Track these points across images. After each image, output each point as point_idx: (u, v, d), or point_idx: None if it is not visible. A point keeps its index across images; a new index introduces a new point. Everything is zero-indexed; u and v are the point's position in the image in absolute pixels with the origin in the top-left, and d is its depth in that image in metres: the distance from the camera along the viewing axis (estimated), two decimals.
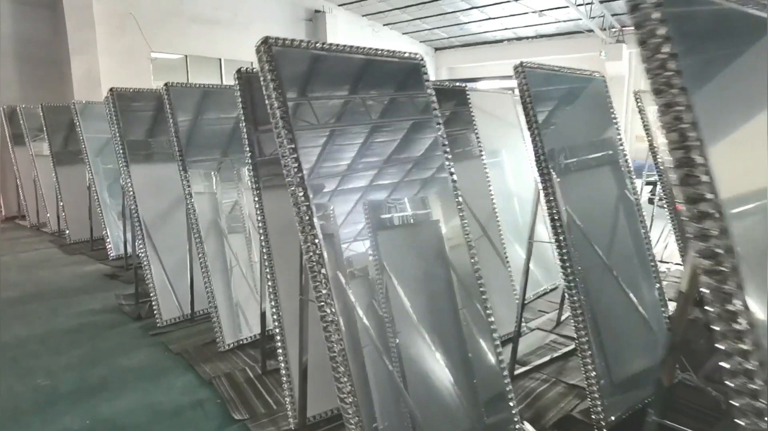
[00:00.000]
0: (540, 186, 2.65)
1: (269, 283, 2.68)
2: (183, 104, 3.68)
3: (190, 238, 3.85)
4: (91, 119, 6.21)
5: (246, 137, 2.72)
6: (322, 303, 1.71)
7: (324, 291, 1.72)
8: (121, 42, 9.15)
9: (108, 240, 5.85)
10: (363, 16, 13.76)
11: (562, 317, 3.99)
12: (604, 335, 2.67)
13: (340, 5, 13.00)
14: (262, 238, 2.71)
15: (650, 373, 2.88)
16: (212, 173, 4.07)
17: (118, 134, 4.03)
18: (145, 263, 4.02)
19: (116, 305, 4.30)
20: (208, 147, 3.88)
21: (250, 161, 2.71)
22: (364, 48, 2.14)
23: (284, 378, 2.57)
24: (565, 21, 13.03)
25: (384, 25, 14.45)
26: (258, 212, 2.71)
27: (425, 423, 1.95)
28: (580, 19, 12.31)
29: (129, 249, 5.38)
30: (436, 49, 16.70)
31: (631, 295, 2.94)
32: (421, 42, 16.09)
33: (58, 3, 8.27)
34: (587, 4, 11.25)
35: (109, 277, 5.13)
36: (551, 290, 4.60)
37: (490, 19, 13.40)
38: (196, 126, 3.80)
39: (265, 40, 1.87)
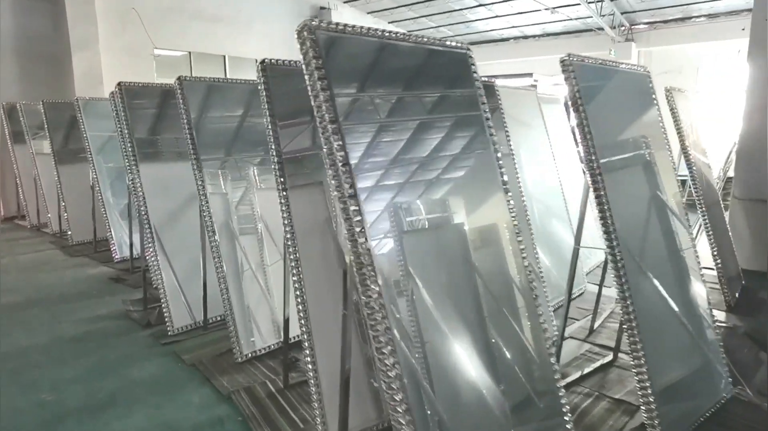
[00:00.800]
0: (590, 189, 2.45)
1: (297, 289, 2.47)
2: (195, 100, 3.47)
3: (204, 240, 3.63)
4: (94, 116, 5.99)
5: (271, 133, 2.52)
6: (376, 324, 1.50)
7: (377, 308, 1.51)
8: (124, 38, 8.92)
9: (112, 242, 5.62)
10: (368, 13, 13.55)
11: (596, 325, 3.80)
12: (656, 347, 2.47)
13: (345, 2, 12.80)
14: (288, 241, 2.50)
15: (701, 386, 2.69)
16: (223, 172, 3.87)
17: (126, 131, 3.81)
18: (154, 266, 3.81)
19: (123, 311, 4.08)
20: (218, 145, 3.67)
21: (276, 158, 2.50)
22: (413, 35, 1.93)
23: (314, 396, 2.36)
24: (573, 19, 12.85)
25: (389, 23, 14.24)
26: (285, 214, 2.50)
27: None
28: (590, 17, 12.14)
29: (134, 252, 5.19)
30: None
31: (680, 303, 2.75)
32: None
33: None
34: (598, 1, 11.05)
35: (114, 280, 4.90)
36: (578, 296, 4.39)
37: (497, 17, 13.20)
38: (209, 123, 3.59)
39: (307, 25, 1.65)
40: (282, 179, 2.50)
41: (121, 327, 3.79)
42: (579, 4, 10.69)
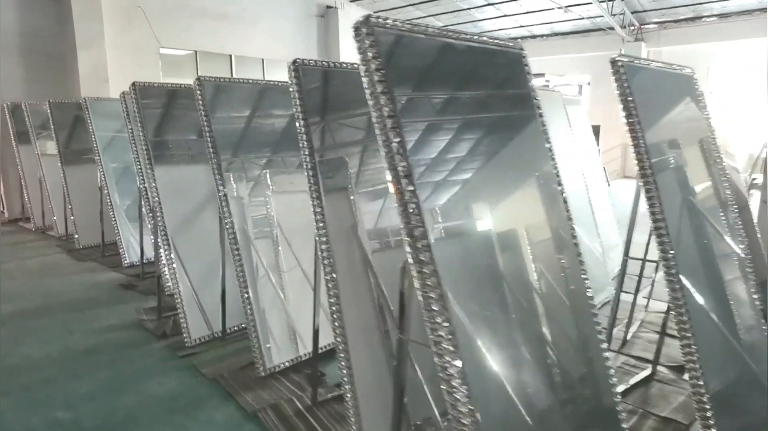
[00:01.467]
0: (644, 195, 2.30)
1: (332, 297, 2.32)
2: (212, 100, 3.32)
3: (224, 245, 3.48)
4: (100, 115, 5.83)
5: (304, 136, 2.36)
6: (443, 353, 1.35)
7: (444, 335, 1.35)
8: (129, 36, 8.76)
9: (121, 246, 5.46)
10: (375, 12, 13.38)
11: (629, 336, 3.65)
12: (711, 359, 2.32)
13: (352, 1, 12.64)
14: (323, 246, 2.35)
15: (758, 401, 2.54)
16: (237, 175, 3.73)
17: (141, 133, 3.65)
18: (170, 273, 3.64)
19: (137, 321, 3.92)
20: (234, 146, 3.51)
21: (308, 162, 2.35)
22: (467, 33, 1.78)
23: (351, 410, 2.21)
24: (583, 18, 12.71)
25: None
26: (319, 219, 2.36)
27: None
28: (599, 16, 12.01)
29: (144, 256, 5.03)
30: None
31: (732, 312, 2.60)
32: None
33: None
34: (608, 0, 10.91)
35: (124, 287, 4.74)
36: (603, 305, 4.23)
37: (505, 16, 13.06)
38: (225, 124, 3.43)
39: (366, 21, 1.49)
40: (316, 183, 2.35)
41: (135, 338, 3.63)
42: (590, 3, 10.54)
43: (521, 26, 13.89)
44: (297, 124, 2.38)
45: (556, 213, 2.02)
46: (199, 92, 3.17)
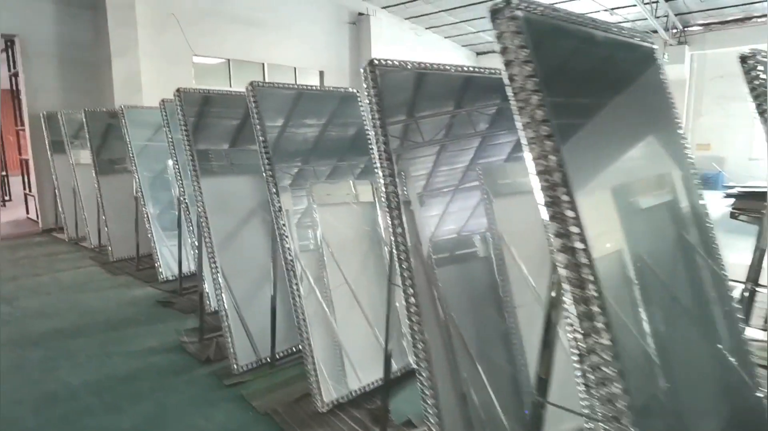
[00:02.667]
0: None
1: (414, 323, 2.02)
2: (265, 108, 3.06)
3: (275, 263, 3.20)
4: (135, 124, 5.65)
5: (381, 144, 2.07)
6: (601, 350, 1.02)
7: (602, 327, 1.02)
8: (162, 45, 8.65)
9: (157, 260, 5.25)
10: (406, 19, 13.15)
11: None
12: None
13: (383, 7, 12.42)
14: (403, 265, 2.06)
15: None
16: (282, 186, 3.48)
17: (185, 141, 3.40)
18: (216, 291, 3.37)
19: (177, 343, 3.66)
20: (289, 156, 3.24)
21: (387, 171, 2.06)
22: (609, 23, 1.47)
23: None
24: (622, 22, 12.25)
25: (426, 28, 13.83)
26: (399, 233, 2.07)
27: None
28: (641, 19, 11.55)
29: (181, 270, 4.80)
30: (478, 53, 16.02)
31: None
32: (463, 46, 15.43)
33: (100, 2, 7.79)
34: (653, 2, 10.44)
35: (162, 304, 4.50)
36: None
37: None
38: (278, 133, 3.17)
39: (508, 3, 1.19)
40: (394, 194, 2.05)
41: (177, 363, 3.36)
42: (635, 6, 10.10)
43: None
44: (372, 129, 2.09)
45: (694, 209, 1.71)
46: (252, 98, 2.90)
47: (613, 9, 10.74)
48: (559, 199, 1.12)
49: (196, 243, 4.31)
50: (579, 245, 1.11)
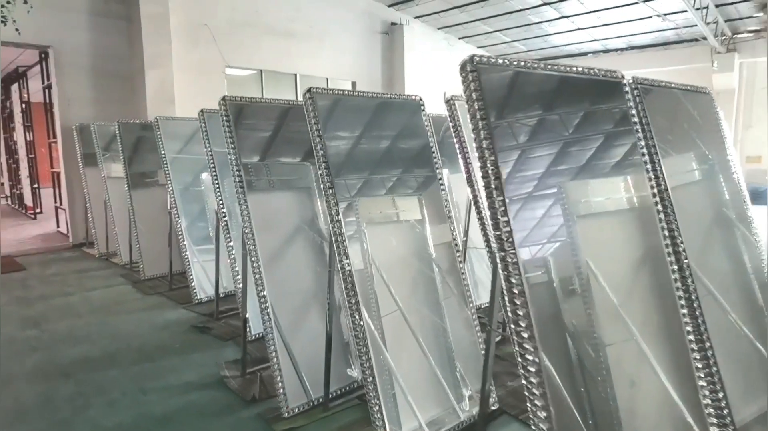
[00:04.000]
0: None
1: (531, 363, 1.62)
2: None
3: (332, 290, 2.83)
4: (169, 136, 5.40)
5: (486, 152, 1.69)
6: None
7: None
8: (195, 56, 8.50)
9: (192, 279, 4.94)
10: (438, 29, 12.86)
11: None
12: None
13: (416, 17, 12.15)
14: (514, 290, 1.66)
15: None
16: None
17: (232, 154, 3.08)
18: (264, 320, 3.00)
19: (217, 376, 3.31)
20: (347, 170, 2.88)
21: (485, 180, 1.67)
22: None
23: None
24: (665, 30, 11.73)
25: (459, 38, 13.52)
26: (509, 248, 1.67)
27: None
28: (687, 26, 11.03)
29: (218, 291, 4.48)
30: None
31: None
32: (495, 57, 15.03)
33: (135, 13, 7.67)
34: (703, 8, 9.91)
35: (198, 329, 4.17)
36: None
37: (578, 29, 12.22)
38: (337, 145, 2.82)
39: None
40: (502, 203, 1.67)
41: (219, 402, 3.00)
42: (685, 11, 9.60)
43: (594, 40, 13.00)
44: (474, 132, 1.72)
45: None
46: (311, 107, 2.56)
47: (665, 14, 10.24)
48: None
49: (237, 264, 4.00)
50: None
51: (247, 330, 3.68)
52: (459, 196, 4.63)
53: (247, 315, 3.59)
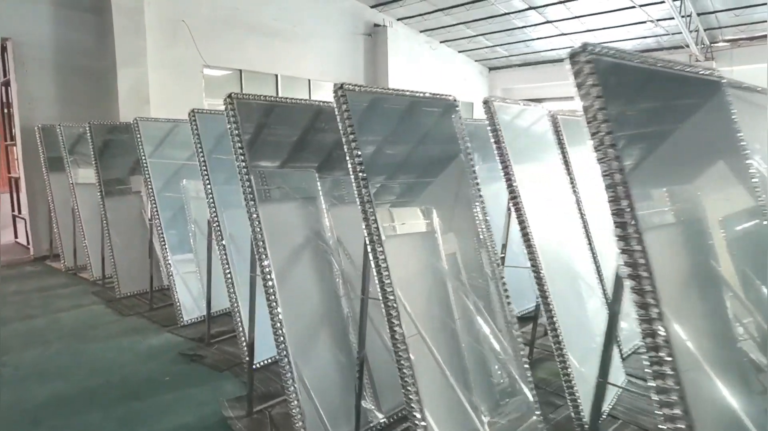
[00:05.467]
0: None
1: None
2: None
3: (365, 305, 2.44)
4: (148, 139, 4.89)
5: (611, 159, 1.35)
6: None
7: None
8: (172, 53, 7.93)
9: (176, 298, 4.43)
10: (421, 32, 12.61)
11: None
12: None
13: (399, 19, 11.86)
14: (657, 322, 1.32)
15: None
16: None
17: (241, 158, 2.64)
18: (279, 346, 2.56)
19: (219, 416, 2.85)
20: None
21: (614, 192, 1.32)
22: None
23: None
24: (646, 38, 11.82)
25: (441, 42, 13.31)
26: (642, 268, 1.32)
27: None
28: (666, 34, 11.15)
29: (209, 311, 4.00)
30: (491, 69, 15.52)
31: None
32: (476, 61, 14.91)
33: (106, 5, 7.06)
34: (686, 16, 9.98)
35: (189, 358, 3.69)
36: None
37: (561, 35, 12.19)
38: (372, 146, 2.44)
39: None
40: (632, 217, 1.33)
41: None
42: (672, 18, 9.63)
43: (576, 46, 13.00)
44: (595, 130, 1.38)
45: None
46: (344, 106, 2.17)
47: (658, 20, 10.25)
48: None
49: (233, 279, 3.57)
50: None
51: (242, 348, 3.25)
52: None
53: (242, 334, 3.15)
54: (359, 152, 2.17)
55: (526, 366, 2.61)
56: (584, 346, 2.99)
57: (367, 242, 2.16)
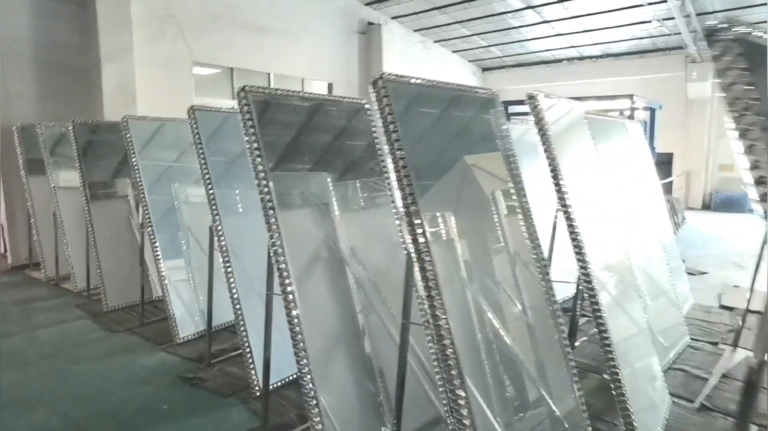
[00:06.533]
0: None
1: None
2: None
3: (408, 319, 2.12)
4: (137, 140, 4.51)
5: None
6: None
7: None
8: (160, 50, 7.51)
9: (171, 312, 4.06)
10: (415, 30, 12.34)
11: None
12: None
13: (393, 17, 11.57)
14: None
15: None
16: None
17: (258, 161, 2.31)
18: (303, 369, 2.24)
19: None
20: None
21: None
22: None
23: None
24: (642, 38, 11.73)
25: (435, 41, 13.06)
26: None
27: None
28: (662, 35, 11.07)
29: (210, 327, 3.64)
30: (484, 69, 15.33)
31: None
32: (469, 62, 14.71)
33: None
34: (685, 16, 9.89)
35: (188, 381, 3.32)
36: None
37: (558, 35, 12.03)
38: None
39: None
40: None
41: None
42: (672, 18, 9.52)
43: (572, 46, 12.87)
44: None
45: None
46: (385, 101, 1.86)
47: (664, 19, 10.13)
48: None
49: (235, 290, 3.23)
50: None
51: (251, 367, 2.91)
52: None
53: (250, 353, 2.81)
54: (403, 153, 1.85)
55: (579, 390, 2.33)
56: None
57: (414, 257, 1.85)
